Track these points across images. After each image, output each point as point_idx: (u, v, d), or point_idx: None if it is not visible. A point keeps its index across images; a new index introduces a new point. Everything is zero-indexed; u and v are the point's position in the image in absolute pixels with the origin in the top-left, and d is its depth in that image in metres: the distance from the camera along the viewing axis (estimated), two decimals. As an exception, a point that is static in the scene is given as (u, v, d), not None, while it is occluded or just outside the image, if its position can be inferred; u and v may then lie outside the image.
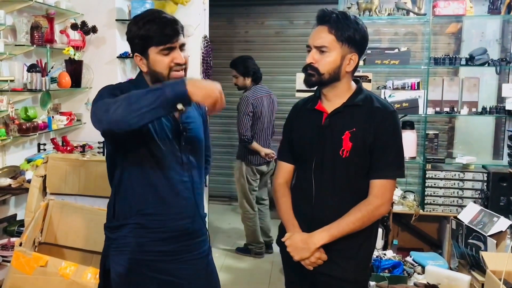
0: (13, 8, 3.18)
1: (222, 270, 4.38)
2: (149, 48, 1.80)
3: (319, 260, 1.91)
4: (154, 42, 1.78)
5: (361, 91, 1.97)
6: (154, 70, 1.82)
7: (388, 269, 3.21)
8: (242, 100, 4.64)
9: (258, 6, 6.30)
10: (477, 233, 3.04)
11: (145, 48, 1.80)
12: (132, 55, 1.87)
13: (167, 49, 1.80)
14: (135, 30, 1.79)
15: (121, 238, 1.88)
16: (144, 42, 1.79)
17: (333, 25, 1.88)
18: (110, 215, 1.94)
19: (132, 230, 1.87)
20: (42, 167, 2.88)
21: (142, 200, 1.86)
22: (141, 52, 1.82)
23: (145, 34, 1.78)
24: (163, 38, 1.79)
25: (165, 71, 1.81)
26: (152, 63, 1.81)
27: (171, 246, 1.91)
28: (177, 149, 1.88)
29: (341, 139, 1.90)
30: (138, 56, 1.83)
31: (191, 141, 1.94)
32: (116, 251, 1.89)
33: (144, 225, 1.87)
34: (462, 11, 3.80)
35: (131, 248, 1.87)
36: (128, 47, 1.94)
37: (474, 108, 3.88)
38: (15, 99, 3.27)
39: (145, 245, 1.87)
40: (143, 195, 1.86)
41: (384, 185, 1.91)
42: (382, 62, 3.90)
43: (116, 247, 1.89)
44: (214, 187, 6.42)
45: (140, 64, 1.85)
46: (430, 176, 3.78)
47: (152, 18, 1.79)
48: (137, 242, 1.87)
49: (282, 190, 2.10)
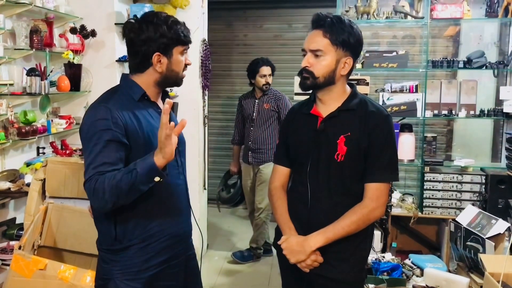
0: (12, 12, 3.19)
1: (221, 273, 4.39)
2: (175, 48, 1.83)
3: (315, 263, 1.92)
4: (181, 42, 1.84)
5: (356, 95, 1.99)
6: (173, 70, 1.85)
7: (386, 271, 3.21)
8: (283, 99, 4.59)
9: (257, 9, 6.32)
10: (476, 236, 3.04)
11: (170, 47, 1.82)
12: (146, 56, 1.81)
13: (186, 50, 1.89)
14: (164, 29, 1.80)
15: (125, 260, 1.83)
16: (172, 42, 1.81)
17: (327, 29, 1.90)
18: (110, 238, 1.83)
19: (137, 250, 1.82)
20: (41, 170, 2.89)
21: (147, 215, 1.83)
22: (165, 52, 1.82)
23: (176, 33, 1.81)
24: (188, 39, 1.87)
25: (181, 71, 1.89)
26: (174, 62, 1.85)
27: (173, 251, 1.91)
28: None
29: (336, 143, 1.92)
30: (158, 56, 1.81)
31: (180, 142, 1.94)
32: (122, 273, 1.82)
33: (149, 240, 1.84)
34: (460, 14, 3.81)
35: (138, 268, 1.83)
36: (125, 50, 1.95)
37: (472, 110, 3.89)
38: (15, 103, 3.28)
39: (150, 259, 1.85)
40: (147, 210, 1.82)
41: (378, 188, 1.93)
42: (380, 65, 3.91)
43: (121, 269, 1.83)
44: (213, 190, 6.42)
45: (157, 64, 1.82)
46: (429, 179, 3.79)
47: (173, 19, 1.84)
48: (143, 259, 1.83)
49: (278, 193, 2.11)
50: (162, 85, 1.90)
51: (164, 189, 1.83)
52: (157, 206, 1.84)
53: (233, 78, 6.48)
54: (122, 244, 1.82)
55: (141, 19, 1.84)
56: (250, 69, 4.67)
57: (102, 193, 1.64)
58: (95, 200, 1.68)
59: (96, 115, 1.74)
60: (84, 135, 1.75)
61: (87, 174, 1.68)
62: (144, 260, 1.83)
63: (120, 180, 1.63)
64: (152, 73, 1.85)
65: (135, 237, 1.82)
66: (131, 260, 1.82)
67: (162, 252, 1.87)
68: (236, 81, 6.48)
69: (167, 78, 1.87)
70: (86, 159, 1.71)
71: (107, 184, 1.63)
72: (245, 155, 4.72)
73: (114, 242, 1.83)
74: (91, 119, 1.74)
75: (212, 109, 5.19)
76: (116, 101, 1.78)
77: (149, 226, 1.83)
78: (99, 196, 1.65)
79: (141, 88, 1.85)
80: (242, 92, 6.37)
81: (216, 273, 4.39)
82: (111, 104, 1.75)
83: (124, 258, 1.83)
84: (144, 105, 1.85)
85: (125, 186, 1.63)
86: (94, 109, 1.77)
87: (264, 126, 4.55)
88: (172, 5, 4.23)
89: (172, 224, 1.90)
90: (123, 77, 1.91)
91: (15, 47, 3.21)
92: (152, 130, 1.81)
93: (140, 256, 1.83)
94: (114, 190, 1.63)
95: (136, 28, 1.81)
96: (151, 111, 1.86)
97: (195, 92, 4.54)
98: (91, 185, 1.65)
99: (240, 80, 6.46)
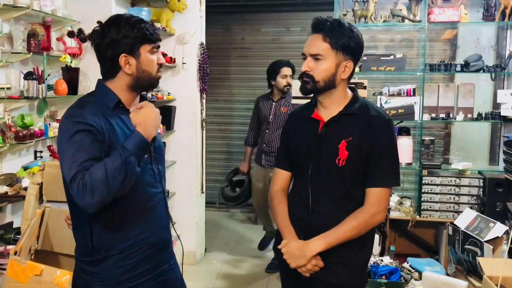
0: (9, 16, 3.18)
1: (219, 277, 4.38)
2: (142, 47, 1.77)
3: (316, 267, 1.91)
4: (147, 40, 1.77)
5: (357, 99, 1.99)
6: (144, 70, 1.78)
7: (385, 275, 3.21)
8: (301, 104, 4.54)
9: (255, 13, 6.32)
10: (474, 239, 3.05)
11: (136, 47, 1.76)
12: (113, 59, 1.76)
13: (156, 48, 1.81)
14: (127, 29, 1.74)
15: (104, 271, 1.77)
16: (136, 41, 1.75)
17: (327, 33, 1.89)
18: (87, 249, 1.77)
19: (116, 261, 1.76)
20: (38, 174, 2.87)
21: (124, 225, 1.76)
22: (131, 52, 1.75)
23: (140, 32, 1.75)
24: (155, 37, 1.80)
25: (154, 71, 1.81)
26: (144, 62, 1.77)
27: (153, 261, 1.86)
28: (148, 161, 1.82)
29: (338, 148, 1.91)
30: (125, 57, 1.75)
31: (158, 149, 1.91)
32: (102, 285, 1.77)
33: (128, 250, 1.78)
34: (457, 18, 3.82)
35: (117, 280, 1.77)
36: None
37: (470, 114, 3.90)
38: (12, 107, 3.26)
39: (130, 270, 1.79)
40: (125, 220, 1.76)
41: (380, 193, 1.93)
42: (378, 68, 3.92)
43: (100, 281, 1.77)
44: (211, 194, 6.42)
45: (125, 66, 1.76)
46: (427, 182, 3.80)
47: (137, 18, 1.78)
48: (122, 271, 1.77)
49: (278, 197, 2.11)
50: (136, 88, 1.82)
51: (141, 197, 1.79)
52: (135, 215, 1.78)
53: (231, 82, 6.48)
54: (100, 255, 1.76)
55: (104, 23, 1.79)
56: (270, 70, 4.53)
57: (99, 183, 1.55)
58: (89, 196, 1.55)
59: (71, 120, 1.67)
60: (60, 140, 1.68)
61: (70, 173, 1.58)
62: (123, 272, 1.77)
63: (112, 163, 1.58)
64: (123, 77, 1.78)
65: (112, 247, 1.76)
66: (110, 271, 1.76)
67: (142, 263, 1.81)
68: (234, 85, 6.49)
69: (140, 80, 1.79)
70: (66, 161, 1.62)
71: (99, 173, 1.56)
72: (258, 157, 4.63)
73: (92, 253, 1.77)
74: (66, 124, 1.68)
75: (209, 113, 5.19)
76: (91, 108, 1.71)
77: (127, 236, 1.77)
78: (95, 188, 1.55)
79: (116, 96, 1.78)
80: (240, 96, 6.42)
81: (214, 277, 4.37)
82: (86, 110, 1.69)
83: (103, 269, 1.77)
84: (118, 113, 1.78)
85: (119, 167, 1.58)
86: (69, 116, 1.70)
87: (279, 130, 4.36)
88: (170, 9, 4.23)
89: (151, 234, 1.83)
90: (98, 84, 1.84)
91: (13, 51, 3.19)
92: (125, 137, 1.73)
93: (119, 267, 1.77)
94: (111, 175, 1.57)
95: (99, 32, 1.77)
96: (125, 119, 1.78)
97: (193, 96, 4.54)
98: (80, 181, 1.55)
99: (238, 83, 6.47)
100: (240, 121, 6.44)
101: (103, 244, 1.76)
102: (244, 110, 6.47)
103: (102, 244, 1.76)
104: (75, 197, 1.59)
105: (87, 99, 1.78)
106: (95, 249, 1.76)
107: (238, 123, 6.45)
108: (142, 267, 1.82)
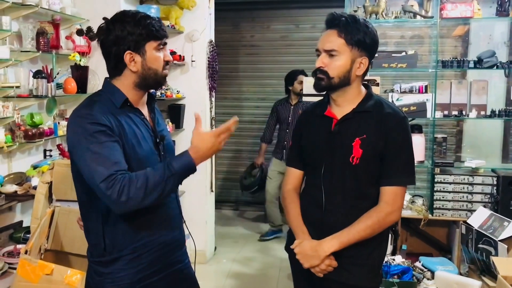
0: (18, 14, 3.18)
1: (229, 276, 4.36)
2: (147, 44, 1.73)
3: (329, 267, 1.89)
4: (152, 37, 1.73)
5: (371, 96, 1.95)
6: (150, 68, 1.74)
7: (397, 274, 3.18)
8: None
9: (264, 10, 6.29)
10: (488, 238, 3.01)
11: (141, 44, 1.72)
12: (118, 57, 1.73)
13: (162, 44, 1.77)
14: (131, 27, 1.70)
15: (116, 272, 1.75)
16: (142, 38, 1.71)
17: (342, 29, 1.86)
18: (100, 249, 1.76)
19: (129, 262, 1.75)
20: (48, 173, 2.85)
21: (136, 225, 1.74)
22: (136, 49, 1.72)
23: (145, 28, 1.71)
24: (161, 33, 1.76)
25: (160, 68, 1.77)
26: (149, 59, 1.74)
27: (166, 261, 1.84)
28: (158, 160, 1.79)
29: (351, 146, 1.88)
30: (130, 54, 1.71)
31: (168, 149, 1.89)
32: (114, 286, 1.76)
33: (140, 250, 1.76)
34: (470, 13, 3.76)
35: (130, 280, 1.76)
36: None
37: (483, 111, 3.84)
38: (21, 105, 3.26)
39: (143, 270, 1.77)
40: (136, 219, 1.73)
41: (395, 192, 1.89)
42: (389, 65, 3.87)
43: (112, 281, 1.76)
44: (221, 192, 6.40)
45: (130, 64, 1.72)
46: (439, 180, 3.74)
47: (142, 14, 1.74)
48: (135, 271, 1.76)
49: (291, 196, 2.08)
50: (143, 86, 1.79)
51: None
52: (146, 215, 1.75)
53: (240, 80, 6.46)
54: (112, 255, 1.75)
55: (109, 19, 1.76)
56: (288, 77, 5.28)
57: (137, 192, 1.56)
58: (123, 201, 1.55)
59: (85, 121, 1.64)
60: (78, 140, 1.64)
61: (101, 174, 1.56)
62: (136, 272, 1.76)
63: (154, 177, 1.59)
64: (129, 75, 1.75)
65: (125, 248, 1.74)
66: (123, 271, 1.75)
67: (155, 262, 1.80)
68: (243, 82, 6.46)
69: (146, 78, 1.76)
70: (92, 163, 1.59)
71: (139, 182, 1.57)
72: (277, 152, 5.29)
73: (104, 253, 1.75)
74: (81, 124, 1.64)
75: (219, 111, 5.17)
76: (100, 107, 1.69)
77: (139, 236, 1.75)
78: (132, 196, 1.55)
79: (123, 94, 1.75)
80: (249, 94, 6.41)
81: (224, 276, 4.35)
82: (96, 111, 1.66)
83: (116, 270, 1.75)
84: (126, 111, 1.75)
85: (159, 183, 1.59)
86: (81, 117, 1.67)
87: None
88: (178, 6, 4.22)
89: (164, 233, 1.82)
90: (105, 82, 1.82)
91: (22, 49, 3.19)
92: (135, 137, 1.73)
93: (131, 267, 1.76)
94: (150, 187, 1.58)
95: (104, 29, 1.74)
96: (134, 117, 1.77)
97: (202, 94, 4.52)
98: (116, 184, 1.55)
99: (247, 81, 6.45)
100: (249, 119, 6.42)
101: (115, 245, 1.74)
102: (253, 108, 6.45)
103: (114, 245, 1.74)
104: (104, 197, 1.59)
105: (95, 99, 1.75)
106: (107, 249, 1.75)
107: (247, 121, 6.43)
108: (155, 267, 1.81)
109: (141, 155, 1.73)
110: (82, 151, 1.63)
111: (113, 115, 1.69)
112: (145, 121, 1.82)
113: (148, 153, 1.76)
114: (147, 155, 1.75)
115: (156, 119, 1.89)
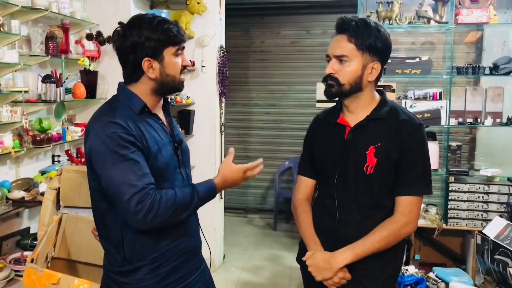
0: (28, 18, 3.16)
1: (238, 285, 4.30)
2: (166, 49, 1.68)
3: (343, 280, 1.82)
4: (171, 42, 1.68)
5: (386, 102, 1.89)
6: (168, 74, 1.69)
7: (410, 285, 3.12)
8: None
9: (274, 16, 6.26)
10: (504, 249, 2.93)
11: (160, 50, 1.67)
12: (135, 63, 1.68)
13: (181, 49, 1.73)
14: (149, 33, 1.65)
15: (137, 282, 1.71)
16: (160, 44, 1.67)
17: (352, 34, 1.80)
18: (119, 259, 1.72)
19: (149, 271, 1.71)
20: (56, 179, 2.82)
21: (155, 233, 1.70)
22: (154, 56, 1.67)
23: (163, 34, 1.66)
24: (180, 38, 1.71)
25: (177, 74, 1.73)
26: (167, 65, 1.69)
27: (186, 268, 1.81)
28: (177, 165, 1.77)
29: (366, 154, 1.82)
30: (148, 61, 1.66)
31: (185, 153, 1.86)
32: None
33: (160, 259, 1.72)
34: (486, 19, 3.70)
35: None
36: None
37: (499, 118, 3.77)
38: (29, 110, 3.24)
39: (163, 279, 1.73)
40: (157, 228, 1.68)
41: (410, 201, 1.82)
42: (403, 71, 3.81)
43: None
44: (229, 199, 6.35)
45: (148, 71, 1.67)
46: (454, 189, 3.67)
47: (160, 19, 1.69)
48: (155, 281, 1.72)
49: (302, 206, 2.02)
50: (160, 92, 1.75)
51: None
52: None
53: (250, 85, 6.42)
54: (132, 265, 1.71)
55: (126, 24, 1.69)
56: None
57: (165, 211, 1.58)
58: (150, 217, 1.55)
59: (109, 128, 1.59)
60: (100, 150, 1.59)
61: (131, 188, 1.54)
62: (156, 282, 1.72)
63: (183, 198, 1.63)
64: (147, 81, 1.70)
65: (145, 257, 1.70)
66: (143, 282, 1.71)
67: (175, 271, 1.76)
68: (253, 88, 6.42)
69: (164, 85, 1.71)
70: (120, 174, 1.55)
71: (168, 202, 1.59)
72: None
73: (123, 263, 1.72)
74: (104, 132, 1.59)
75: (228, 117, 5.13)
76: (122, 114, 1.64)
77: (158, 245, 1.71)
78: (159, 214, 1.56)
79: (141, 100, 1.70)
80: (259, 100, 6.38)
81: (233, 285, 4.29)
82: (118, 119, 1.61)
83: (135, 280, 1.71)
84: (145, 117, 1.71)
85: (186, 205, 1.65)
86: (103, 124, 1.62)
87: None
88: (189, 11, 4.20)
89: (182, 241, 1.78)
90: (119, 88, 1.76)
91: (31, 54, 3.17)
92: (157, 144, 1.69)
93: (152, 277, 1.71)
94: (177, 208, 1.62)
95: (121, 35, 1.68)
96: (152, 123, 1.72)
97: (212, 100, 4.48)
98: (146, 200, 1.54)
99: (256, 87, 6.41)
100: (259, 125, 6.37)
101: (134, 254, 1.70)
102: (263, 114, 6.41)
103: (134, 254, 1.70)
104: (128, 210, 1.55)
105: (114, 105, 1.70)
106: (127, 259, 1.71)
107: (256, 127, 6.38)
108: (175, 276, 1.77)
109: (162, 162, 1.69)
110: (108, 161, 1.58)
111: (134, 122, 1.65)
112: (163, 126, 1.78)
113: (169, 159, 1.73)
114: (167, 161, 1.72)
115: (172, 123, 1.86)
